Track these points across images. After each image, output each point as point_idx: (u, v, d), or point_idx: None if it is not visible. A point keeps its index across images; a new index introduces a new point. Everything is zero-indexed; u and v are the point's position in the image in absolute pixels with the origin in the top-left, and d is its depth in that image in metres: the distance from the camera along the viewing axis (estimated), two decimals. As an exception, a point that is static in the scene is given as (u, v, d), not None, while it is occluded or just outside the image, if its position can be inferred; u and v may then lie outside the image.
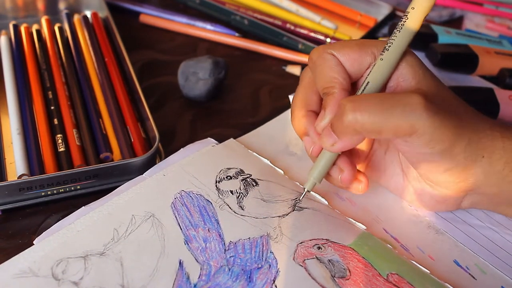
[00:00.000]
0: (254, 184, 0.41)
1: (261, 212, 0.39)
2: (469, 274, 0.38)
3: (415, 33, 0.37)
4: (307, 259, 0.36)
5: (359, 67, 0.38)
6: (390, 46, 0.36)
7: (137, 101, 0.50)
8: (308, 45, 0.61)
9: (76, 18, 0.61)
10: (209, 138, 0.46)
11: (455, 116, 0.36)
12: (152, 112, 0.47)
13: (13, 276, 0.33)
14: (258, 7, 0.68)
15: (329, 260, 0.36)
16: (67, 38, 0.58)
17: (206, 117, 0.52)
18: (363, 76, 0.38)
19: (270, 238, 0.37)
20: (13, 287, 0.32)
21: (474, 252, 0.39)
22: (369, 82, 0.36)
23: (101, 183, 0.42)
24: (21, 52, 0.55)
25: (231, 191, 0.40)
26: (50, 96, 0.49)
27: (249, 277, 0.34)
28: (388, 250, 0.37)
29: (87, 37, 0.58)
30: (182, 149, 0.44)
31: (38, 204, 0.41)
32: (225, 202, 0.39)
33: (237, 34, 0.64)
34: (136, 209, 0.38)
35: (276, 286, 0.34)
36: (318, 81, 0.38)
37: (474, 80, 0.58)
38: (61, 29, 0.59)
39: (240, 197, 0.40)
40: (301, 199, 0.40)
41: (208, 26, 0.65)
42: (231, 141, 0.46)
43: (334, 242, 0.37)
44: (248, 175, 0.42)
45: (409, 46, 0.37)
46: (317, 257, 0.36)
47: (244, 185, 0.41)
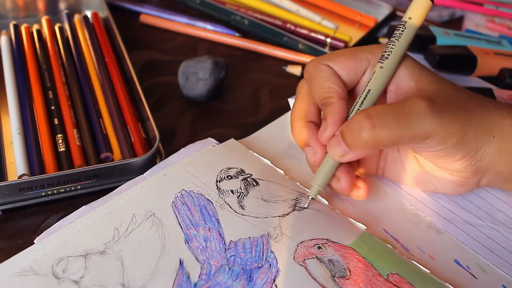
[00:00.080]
0: (255, 184, 0.41)
1: (262, 211, 0.39)
2: (470, 273, 0.38)
3: (412, 39, 0.38)
4: (307, 258, 0.36)
5: (355, 75, 0.39)
6: (390, 54, 0.37)
7: (137, 101, 0.50)
8: (308, 45, 0.61)
9: (77, 18, 0.61)
10: (209, 138, 0.46)
11: (460, 106, 0.37)
12: (152, 112, 0.47)
13: (14, 275, 0.33)
14: (258, 7, 0.68)
15: (329, 259, 0.36)
16: (67, 38, 0.58)
17: (206, 117, 0.52)
18: (359, 83, 0.39)
19: (271, 238, 0.37)
20: (14, 285, 0.32)
21: (475, 252, 0.39)
22: (370, 90, 0.37)
23: (101, 183, 0.42)
24: (22, 52, 0.55)
25: (232, 191, 0.40)
26: (51, 96, 0.49)
27: (249, 276, 0.34)
28: (388, 250, 0.37)
29: (87, 37, 0.58)
30: (182, 149, 0.44)
31: (38, 204, 0.41)
32: (225, 202, 0.39)
33: (237, 34, 0.64)
34: (137, 208, 0.38)
35: (276, 285, 0.34)
36: (315, 92, 0.39)
37: (473, 81, 0.58)
38: (61, 29, 0.59)
39: (240, 196, 0.40)
40: (306, 206, 0.40)
41: (208, 26, 0.65)
42: (231, 141, 0.46)
43: (334, 242, 0.37)
44: (249, 175, 0.42)
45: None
46: (317, 257, 0.36)
47: (245, 185, 0.41)
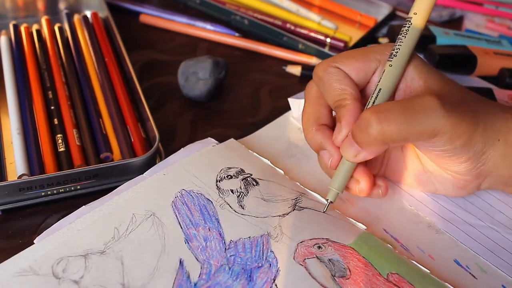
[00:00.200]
0: (255, 183, 0.41)
1: (262, 211, 0.39)
2: (470, 273, 0.38)
3: (419, 36, 0.37)
4: (308, 258, 0.36)
5: (365, 75, 0.39)
6: (398, 52, 0.37)
7: (137, 101, 0.50)
8: (308, 45, 0.61)
9: (76, 18, 0.61)
10: (209, 138, 0.46)
11: (467, 107, 0.37)
12: (152, 112, 0.47)
13: (14, 275, 0.33)
14: (258, 7, 0.68)
15: (329, 259, 0.36)
16: (67, 38, 0.58)
17: (206, 117, 0.52)
18: (370, 83, 0.39)
19: (271, 237, 0.37)
20: (14, 285, 0.32)
21: (475, 252, 0.39)
22: (381, 89, 0.37)
23: (101, 183, 0.42)
24: (21, 52, 0.55)
25: (232, 190, 0.40)
26: (50, 96, 0.49)
27: (250, 276, 0.34)
28: (388, 249, 0.37)
29: (87, 37, 0.58)
30: (182, 149, 0.44)
31: (38, 204, 0.41)
32: (225, 201, 0.39)
33: (237, 34, 0.64)
34: (137, 208, 0.38)
35: (276, 285, 0.34)
36: (328, 95, 0.38)
37: (473, 81, 0.58)
38: (61, 29, 0.59)
39: (240, 196, 0.40)
40: (325, 211, 0.39)
41: (208, 26, 0.65)
42: (231, 141, 0.46)
43: (334, 241, 0.37)
44: (249, 175, 0.42)
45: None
46: (317, 257, 0.36)
47: (245, 185, 0.41)
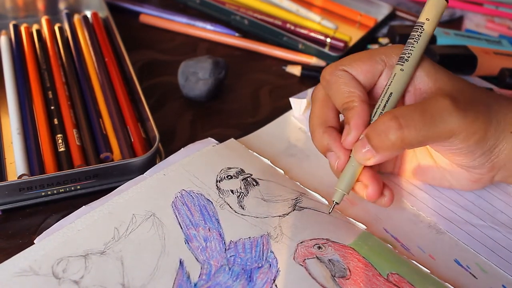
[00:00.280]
0: (255, 183, 0.41)
1: (262, 211, 0.39)
2: (470, 273, 0.38)
3: (429, 40, 0.38)
4: (308, 258, 0.36)
5: (372, 77, 0.39)
6: (410, 57, 0.37)
7: (137, 101, 0.50)
8: (308, 45, 0.61)
9: (76, 18, 0.61)
10: (209, 138, 0.46)
11: (479, 104, 0.37)
12: (152, 112, 0.47)
13: (14, 275, 0.33)
14: (258, 7, 0.68)
15: (330, 259, 0.36)
16: (67, 38, 0.58)
17: (206, 117, 0.52)
18: (376, 84, 0.39)
19: (271, 238, 0.37)
20: (14, 285, 0.32)
21: (476, 252, 0.39)
22: (392, 93, 0.37)
23: (101, 183, 0.42)
24: (21, 52, 0.55)
25: (232, 191, 0.40)
26: (50, 96, 0.49)
27: (250, 276, 0.34)
28: (388, 250, 0.37)
29: (87, 37, 0.58)
30: (182, 149, 0.44)
31: (38, 204, 0.41)
32: (225, 202, 0.39)
33: (237, 34, 0.64)
34: (137, 208, 0.38)
35: (276, 285, 0.34)
36: (335, 98, 0.39)
37: (473, 81, 0.58)
38: (61, 29, 0.59)
39: (240, 196, 0.40)
40: (330, 212, 0.39)
41: (208, 26, 0.65)
42: (231, 141, 0.46)
43: (335, 241, 0.37)
44: (249, 175, 0.42)
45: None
46: (317, 257, 0.36)
47: (245, 185, 0.41)
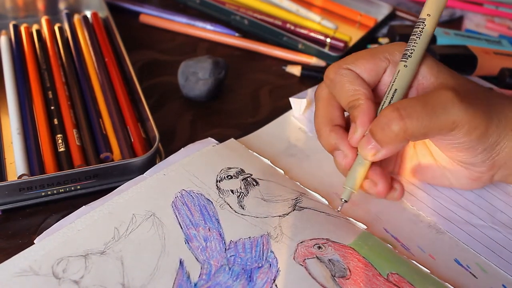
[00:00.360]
0: (255, 183, 0.41)
1: (262, 211, 0.39)
2: (470, 273, 0.38)
3: (431, 36, 0.38)
4: (308, 258, 0.36)
5: (376, 75, 0.39)
6: (413, 53, 0.37)
7: (137, 101, 0.50)
8: (308, 45, 0.61)
9: (76, 18, 0.61)
10: (209, 138, 0.46)
11: (481, 99, 0.37)
12: (152, 112, 0.47)
13: (14, 275, 0.33)
14: (258, 7, 0.68)
15: (330, 259, 0.36)
16: (67, 38, 0.58)
17: (206, 117, 0.52)
18: (380, 82, 0.40)
19: (271, 238, 0.37)
20: (14, 285, 0.32)
21: (476, 252, 0.39)
22: (396, 89, 0.37)
23: (101, 183, 0.42)
24: (21, 52, 0.55)
25: (232, 191, 0.40)
26: (50, 96, 0.49)
27: (250, 276, 0.34)
28: (388, 249, 0.37)
29: (87, 37, 0.58)
30: (182, 149, 0.44)
31: (38, 204, 0.41)
32: (225, 202, 0.39)
33: (237, 34, 0.64)
34: (137, 208, 0.38)
35: (276, 285, 0.34)
36: (340, 97, 0.39)
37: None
38: (61, 29, 0.59)
39: (240, 196, 0.40)
40: (339, 210, 0.40)
41: (208, 26, 0.65)
42: (231, 141, 0.46)
43: (335, 241, 0.37)
44: (249, 175, 0.42)
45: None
46: (317, 257, 0.36)
47: (245, 185, 0.41)
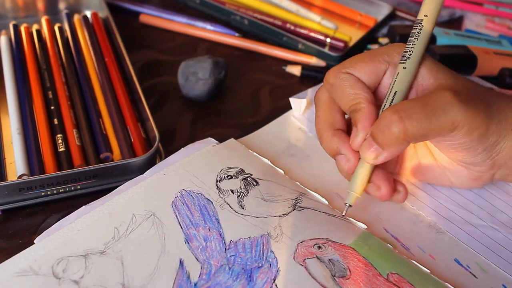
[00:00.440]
0: (255, 183, 0.41)
1: (262, 211, 0.39)
2: (470, 272, 0.38)
3: (430, 37, 0.38)
4: (308, 258, 0.36)
5: (376, 77, 0.39)
6: (411, 54, 0.37)
7: (137, 101, 0.50)
8: (308, 45, 0.61)
9: (76, 18, 0.61)
10: (209, 138, 0.46)
11: (481, 99, 0.37)
12: (152, 112, 0.47)
13: (14, 275, 0.33)
14: (258, 7, 0.68)
15: (330, 259, 0.36)
16: (67, 38, 0.58)
17: (206, 117, 0.52)
18: (380, 84, 0.39)
19: (271, 238, 0.37)
20: (14, 285, 0.32)
21: (476, 251, 0.39)
22: (396, 92, 0.37)
23: (101, 183, 0.42)
24: (21, 52, 0.55)
25: (232, 191, 0.40)
26: (50, 96, 0.49)
27: (250, 276, 0.34)
28: (388, 249, 0.37)
29: (87, 37, 0.58)
30: (182, 149, 0.44)
31: (38, 204, 0.41)
32: (225, 201, 0.39)
33: (237, 34, 0.64)
34: (137, 208, 0.38)
35: (276, 285, 0.34)
36: (341, 101, 0.38)
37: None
38: (61, 29, 0.59)
39: (240, 196, 0.40)
40: (344, 214, 0.39)
41: (208, 26, 0.65)
42: (231, 141, 0.46)
43: (335, 241, 0.37)
44: (249, 175, 0.42)
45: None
46: (317, 257, 0.36)
47: (245, 185, 0.41)
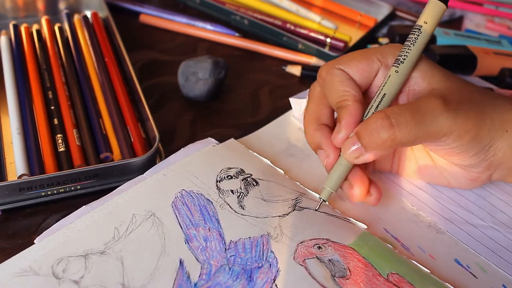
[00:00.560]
0: (255, 183, 0.41)
1: (262, 211, 0.39)
2: (470, 273, 0.38)
3: (427, 43, 0.38)
4: (308, 258, 0.36)
5: (368, 76, 0.39)
6: (405, 59, 0.37)
7: (137, 101, 0.50)
8: (308, 45, 0.61)
9: (76, 18, 0.61)
10: (209, 138, 0.46)
11: (473, 103, 0.37)
12: (152, 112, 0.47)
13: (14, 275, 0.33)
14: (258, 7, 0.68)
15: (330, 259, 0.36)
16: (67, 38, 0.58)
17: (206, 117, 0.52)
18: (372, 84, 0.39)
19: (271, 238, 0.37)
20: (14, 285, 0.32)
21: (476, 252, 0.39)
22: (385, 94, 0.37)
23: (101, 183, 0.42)
24: (21, 52, 0.55)
25: (232, 191, 0.40)
26: (50, 96, 0.49)
27: (250, 276, 0.34)
28: (388, 250, 0.37)
29: (87, 37, 0.58)
30: (182, 149, 0.44)
31: (38, 204, 0.41)
32: (225, 202, 0.39)
33: (237, 34, 0.64)
34: (137, 208, 0.38)
35: (276, 285, 0.34)
36: (330, 96, 0.39)
37: (473, 81, 0.58)
38: (61, 29, 0.59)
39: (240, 196, 0.40)
40: (317, 209, 0.40)
41: (208, 26, 0.65)
42: (231, 141, 0.46)
43: (335, 241, 0.37)
44: (249, 175, 0.42)
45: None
46: (317, 257, 0.36)
47: (245, 185, 0.41)
